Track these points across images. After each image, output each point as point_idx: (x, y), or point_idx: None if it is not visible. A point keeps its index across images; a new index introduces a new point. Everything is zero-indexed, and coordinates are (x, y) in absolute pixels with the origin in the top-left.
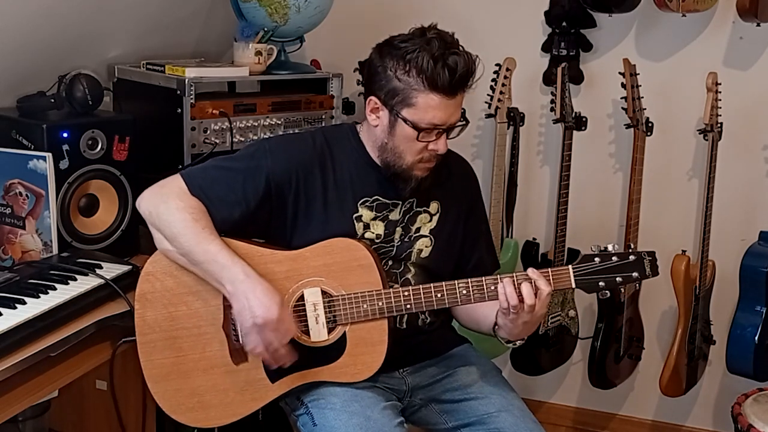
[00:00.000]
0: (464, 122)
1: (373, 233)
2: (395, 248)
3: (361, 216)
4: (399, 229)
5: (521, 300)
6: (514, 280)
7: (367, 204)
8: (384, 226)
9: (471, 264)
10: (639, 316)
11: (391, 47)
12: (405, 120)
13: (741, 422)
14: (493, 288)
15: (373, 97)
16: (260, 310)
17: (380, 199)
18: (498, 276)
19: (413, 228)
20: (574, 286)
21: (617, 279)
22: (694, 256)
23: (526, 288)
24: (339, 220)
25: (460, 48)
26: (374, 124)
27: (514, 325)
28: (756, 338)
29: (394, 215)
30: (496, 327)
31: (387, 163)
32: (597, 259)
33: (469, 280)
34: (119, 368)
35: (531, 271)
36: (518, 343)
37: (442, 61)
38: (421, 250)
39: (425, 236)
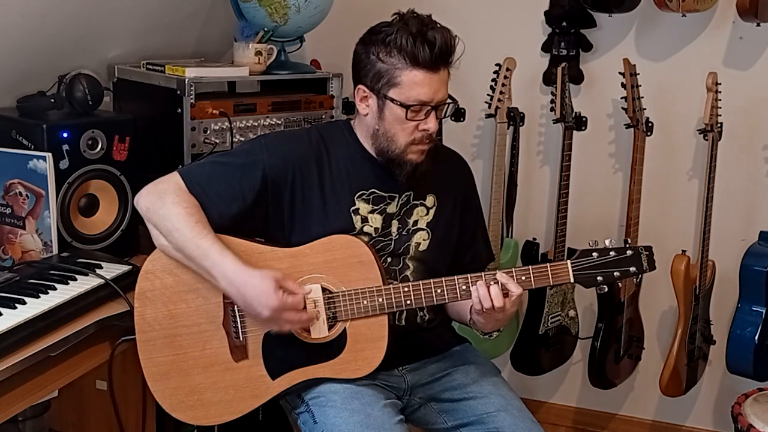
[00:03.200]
0: (453, 101)
1: (371, 227)
2: (393, 242)
3: (359, 209)
4: (396, 222)
5: (492, 303)
6: (486, 282)
7: (363, 197)
8: (382, 219)
9: (468, 257)
10: (639, 316)
11: (371, 34)
12: (392, 100)
13: (741, 422)
14: (493, 284)
15: (360, 86)
16: (260, 305)
17: (376, 191)
18: (497, 272)
19: (410, 221)
20: (572, 280)
21: (615, 273)
22: (694, 256)
23: (495, 291)
24: (337, 214)
25: (438, 25)
26: (364, 113)
27: (486, 321)
28: (756, 338)
29: (392, 208)
30: (471, 321)
31: (381, 150)
32: (595, 254)
33: (469, 275)
34: (119, 368)
35: (500, 275)
36: (494, 334)
37: (421, 37)
38: (419, 244)
39: (422, 229)
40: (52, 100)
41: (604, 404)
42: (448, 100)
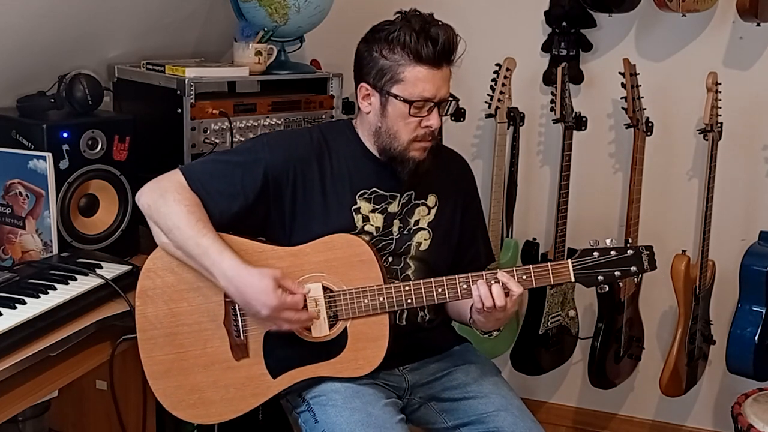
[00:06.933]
0: (455, 99)
1: (372, 226)
2: (394, 241)
3: (360, 208)
4: (397, 222)
5: (493, 301)
6: (487, 281)
7: (365, 196)
8: (383, 219)
9: (467, 257)
10: (639, 316)
11: (374, 33)
12: (396, 96)
13: (741, 422)
14: (494, 283)
15: (363, 84)
16: (259, 304)
17: (378, 191)
18: (497, 271)
19: (411, 221)
20: (573, 280)
21: (616, 273)
22: (694, 256)
23: (496, 290)
24: (338, 213)
25: (440, 22)
26: (366, 111)
27: (487, 320)
28: (756, 338)
29: (393, 207)
30: (471, 320)
31: (383, 148)
32: (596, 254)
33: (470, 275)
34: (119, 368)
35: (501, 274)
36: (494, 333)
37: (424, 34)
38: (420, 243)
39: (424, 229)
40: (52, 100)
41: (604, 404)
42: (450, 98)
